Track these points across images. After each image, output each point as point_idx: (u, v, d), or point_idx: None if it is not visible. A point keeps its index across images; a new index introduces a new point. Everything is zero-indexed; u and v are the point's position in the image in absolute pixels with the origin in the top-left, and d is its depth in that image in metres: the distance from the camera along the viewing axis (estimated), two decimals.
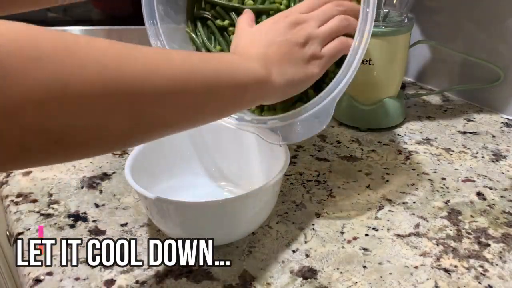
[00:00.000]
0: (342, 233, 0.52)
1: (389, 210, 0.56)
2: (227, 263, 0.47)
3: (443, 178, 0.62)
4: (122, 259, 0.48)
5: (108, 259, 0.48)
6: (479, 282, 0.45)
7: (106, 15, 1.11)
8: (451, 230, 0.52)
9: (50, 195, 0.59)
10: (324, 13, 0.49)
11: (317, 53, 0.47)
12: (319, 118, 0.49)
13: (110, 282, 0.46)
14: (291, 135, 0.50)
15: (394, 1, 0.73)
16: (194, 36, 0.60)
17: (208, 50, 0.59)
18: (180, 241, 0.50)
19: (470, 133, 0.74)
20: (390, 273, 0.46)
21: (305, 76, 0.46)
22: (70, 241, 0.51)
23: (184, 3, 0.61)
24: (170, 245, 0.50)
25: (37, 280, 0.46)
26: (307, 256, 0.49)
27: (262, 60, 0.43)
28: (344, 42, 0.49)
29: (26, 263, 0.48)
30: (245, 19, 0.51)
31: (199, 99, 0.36)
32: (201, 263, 0.48)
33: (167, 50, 0.36)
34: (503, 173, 0.63)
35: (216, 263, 0.47)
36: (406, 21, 0.71)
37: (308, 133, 0.50)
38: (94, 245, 0.50)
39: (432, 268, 0.47)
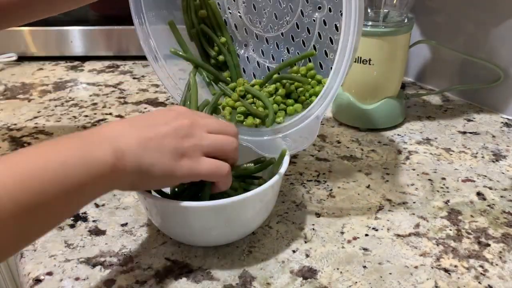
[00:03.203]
0: (342, 233, 0.52)
1: (389, 210, 0.56)
2: (227, 263, 0.48)
3: (443, 178, 0.62)
4: (122, 259, 0.48)
5: (108, 259, 0.48)
6: (479, 282, 0.45)
7: (106, 16, 1.11)
8: (451, 230, 0.52)
9: None
10: (220, 126, 0.44)
11: (193, 154, 0.41)
12: (305, 135, 0.49)
13: (110, 282, 0.46)
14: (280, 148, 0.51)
15: (394, 1, 0.73)
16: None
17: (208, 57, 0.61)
18: (180, 242, 0.50)
19: (470, 133, 0.74)
20: (390, 273, 0.46)
21: (166, 171, 0.39)
22: (70, 241, 0.51)
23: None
24: (170, 245, 0.50)
25: (37, 280, 0.46)
26: (307, 256, 0.49)
27: (116, 141, 0.37)
28: (223, 170, 0.43)
29: (26, 262, 0.48)
30: None
31: (36, 214, 0.33)
32: (201, 263, 0.48)
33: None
34: (503, 173, 0.63)
35: (216, 263, 0.47)
36: (406, 21, 0.71)
37: (296, 148, 0.50)
38: (94, 244, 0.50)
39: (432, 268, 0.47)
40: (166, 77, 0.61)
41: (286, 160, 0.50)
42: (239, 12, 0.60)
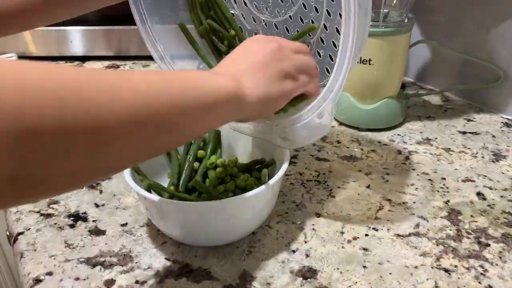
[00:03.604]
0: (342, 233, 0.52)
1: (389, 210, 0.56)
2: (227, 263, 0.48)
3: (443, 178, 0.62)
4: (122, 259, 0.48)
5: (108, 259, 0.48)
6: (479, 282, 0.45)
7: (106, 16, 1.11)
8: (451, 230, 0.52)
9: None
10: (297, 46, 0.48)
11: (293, 72, 0.46)
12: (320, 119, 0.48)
13: (110, 282, 0.46)
14: (295, 139, 0.51)
15: (394, 1, 0.73)
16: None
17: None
18: (180, 242, 0.50)
19: (470, 133, 0.74)
20: (390, 273, 0.46)
21: (281, 91, 0.44)
22: (70, 241, 0.51)
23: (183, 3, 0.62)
24: (170, 245, 0.50)
25: (37, 280, 0.46)
26: (307, 256, 0.49)
27: (232, 74, 0.41)
28: (314, 82, 0.48)
29: (26, 262, 0.48)
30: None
31: (164, 125, 0.34)
32: (201, 263, 0.48)
33: (128, 73, 0.33)
34: (503, 173, 0.63)
35: (216, 263, 0.47)
36: (406, 21, 0.71)
37: (310, 138, 0.50)
38: (94, 244, 0.50)
39: (432, 268, 0.47)
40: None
41: (286, 160, 0.50)
42: (244, 0, 0.60)
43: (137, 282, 0.46)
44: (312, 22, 0.54)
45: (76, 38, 1.07)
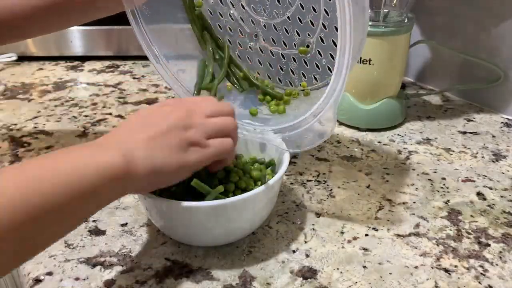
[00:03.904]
0: (342, 233, 0.52)
1: (389, 210, 0.56)
2: (227, 263, 0.47)
3: (443, 178, 0.62)
4: (122, 259, 0.48)
5: (108, 259, 0.48)
6: (479, 282, 0.45)
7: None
8: (451, 230, 0.52)
9: None
10: (216, 108, 0.45)
11: (200, 140, 0.42)
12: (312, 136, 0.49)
13: (110, 282, 0.46)
14: (296, 144, 0.51)
15: (394, 1, 0.73)
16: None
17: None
18: (180, 242, 0.50)
19: (470, 133, 0.74)
20: (390, 273, 0.46)
21: (178, 164, 0.41)
22: (70, 241, 0.51)
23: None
24: (170, 245, 0.50)
25: (37, 280, 0.46)
26: (307, 256, 0.49)
27: (124, 145, 0.38)
28: (228, 144, 0.44)
29: (26, 262, 0.48)
30: None
31: (40, 224, 0.33)
32: (201, 263, 0.48)
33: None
34: (503, 173, 0.63)
35: (216, 263, 0.47)
36: (406, 21, 0.71)
37: (312, 143, 0.50)
38: (94, 244, 0.50)
39: (432, 268, 0.47)
40: (167, 76, 0.61)
41: (286, 160, 0.50)
42: (241, 3, 0.59)
43: (137, 282, 0.46)
44: (311, 22, 0.55)
45: (76, 38, 1.07)
